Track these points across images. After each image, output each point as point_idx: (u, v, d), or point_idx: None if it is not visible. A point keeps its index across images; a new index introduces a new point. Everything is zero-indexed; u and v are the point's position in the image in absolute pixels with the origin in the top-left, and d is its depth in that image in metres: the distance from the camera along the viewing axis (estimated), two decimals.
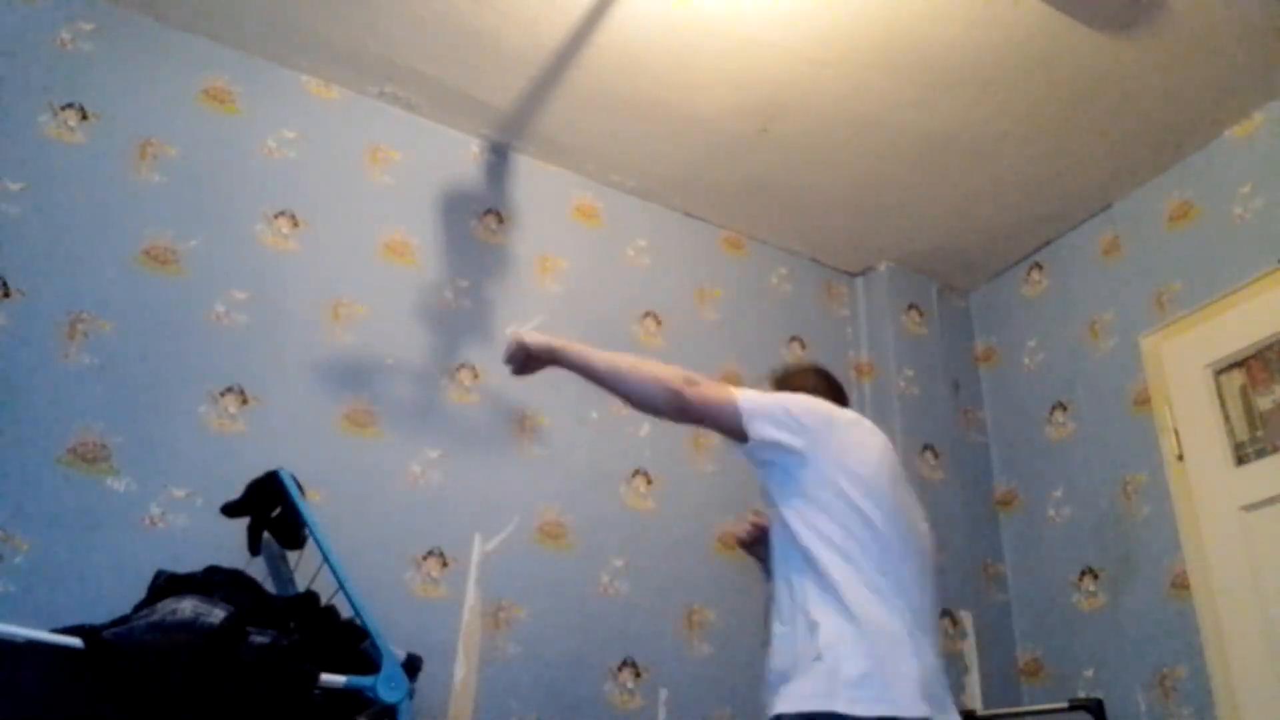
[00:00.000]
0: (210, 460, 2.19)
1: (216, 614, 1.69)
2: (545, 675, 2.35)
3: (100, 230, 2.29)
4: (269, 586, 1.99)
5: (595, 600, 2.49)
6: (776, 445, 1.63)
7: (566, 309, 2.78)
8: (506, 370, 1.89)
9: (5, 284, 2.14)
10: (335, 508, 2.22)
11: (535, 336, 1.82)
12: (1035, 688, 2.81)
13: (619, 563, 2.53)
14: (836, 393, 1.93)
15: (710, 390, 1.68)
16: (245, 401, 2.29)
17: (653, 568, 2.58)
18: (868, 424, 1.78)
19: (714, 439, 2.81)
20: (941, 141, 2.83)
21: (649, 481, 2.67)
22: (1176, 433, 2.63)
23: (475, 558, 2.39)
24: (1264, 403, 2.47)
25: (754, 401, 1.67)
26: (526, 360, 1.84)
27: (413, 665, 1.86)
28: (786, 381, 1.96)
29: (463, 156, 2.88)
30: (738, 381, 2.97)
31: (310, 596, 1.91)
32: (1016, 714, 2.71)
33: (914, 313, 3.31)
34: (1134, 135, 2.77)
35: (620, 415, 2.71)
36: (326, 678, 1.69)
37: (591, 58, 2.61)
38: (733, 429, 1.67)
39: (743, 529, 1.92)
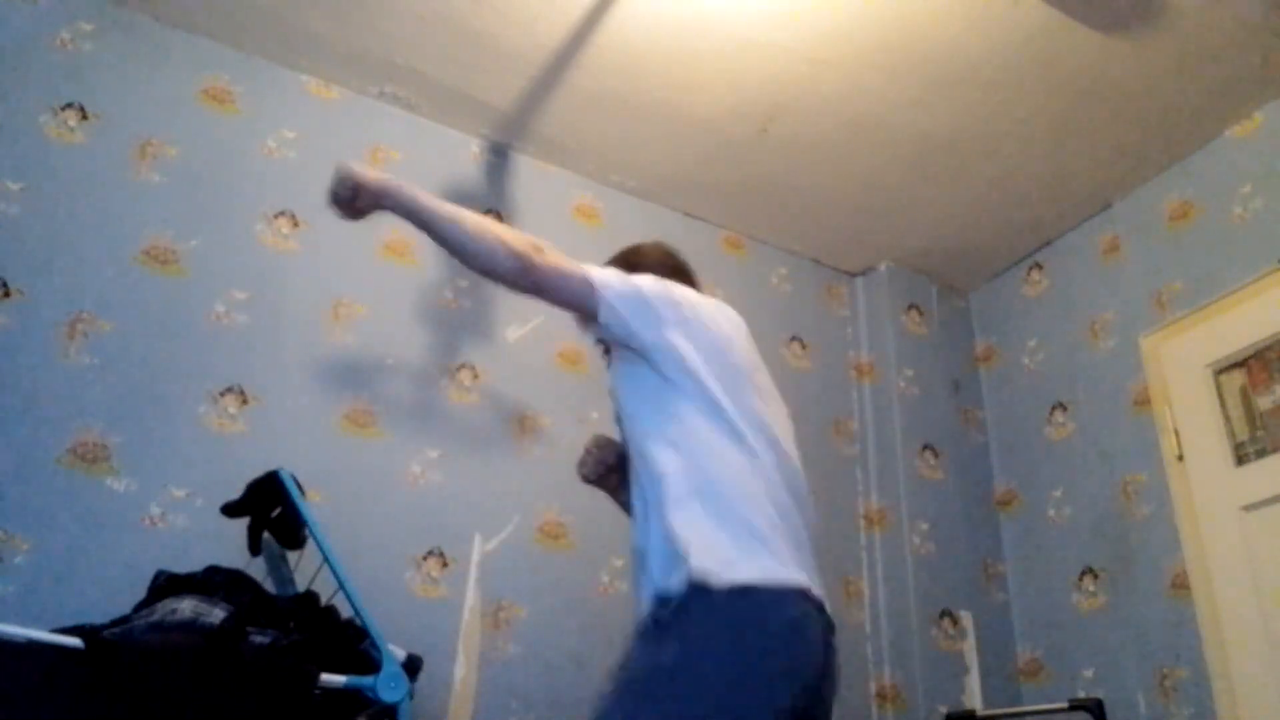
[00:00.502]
0: (210, 460, 2.19)
1: (216, 614, 1.69)
2: (545, 675, 2.35)
3: (100, 230, 2.29)
4: (269, 586, 1.99)
5: (595, 600, 2.49)
6: (627, 329, 1.52)
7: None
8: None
9: (5, 284, 2.14)
10: (335, 508, 2.22)
11: (368, 171, 1.61)
12: (1035, 688, 2.81)
13: (619, 563, 2.53)
14: (686, 275, 1.81)
15: (560, 259, 1.55)
16: (245, 401, 2.29)
17: None
18: (727, 309, 1.67)
19: None
20: (941, 141, 2.83)
21: None
22: (1176, 433, 2.63)
23: (475, 558, 2.39)
24: (1264, 403, 2.47)
25: (608, 278, 1.56)
26: (355, 199, 1.63)
27: (413, 665, 1.86)
28: (631, 260, 1.81)
29: (463, 156, 2.88)
30: None
31: (310, 596, 1.90)
32: (1016, 714, 2.71)
33: (914, 313, 3.31)
34: (1134, 135, 2.77)
35: None
36: (326, 678, 1.69)
37: (591, 58, 2.61)
38: (580, 305, 1.54)
39: (587, 467, 1.74)
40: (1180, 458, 2.60)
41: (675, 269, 1.80)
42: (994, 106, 2.70)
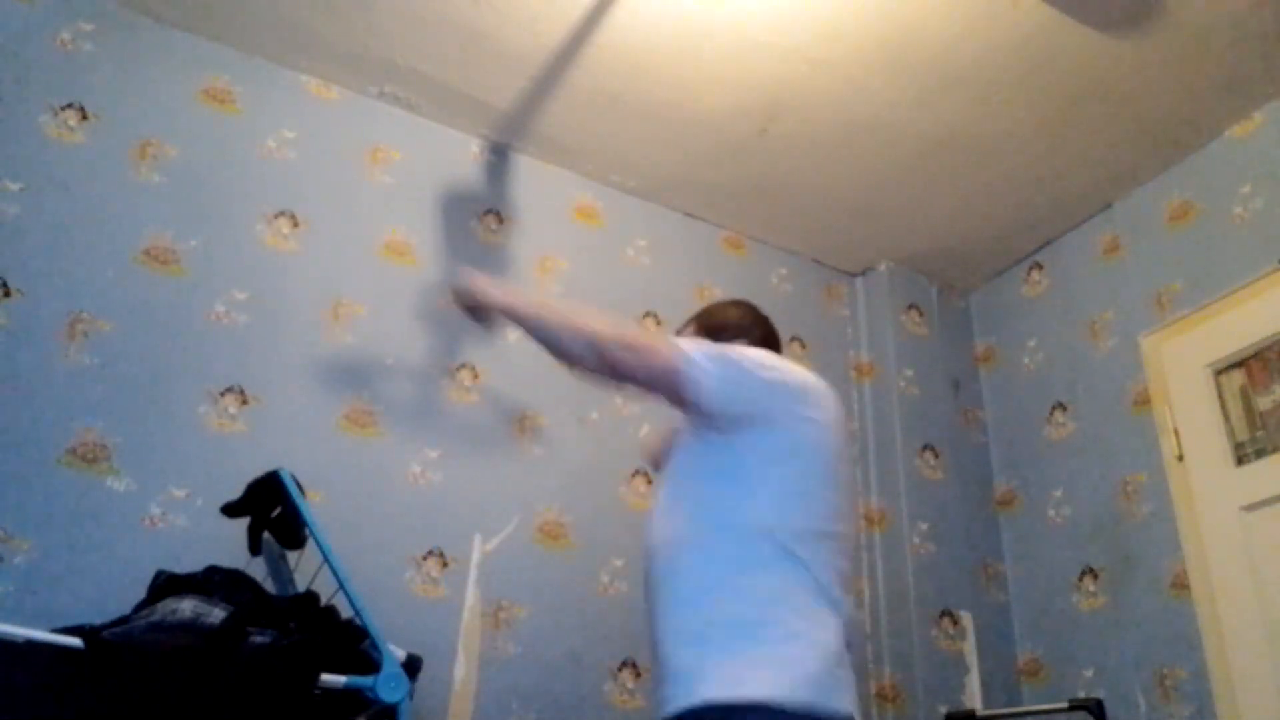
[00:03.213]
0: (210, 460, 2.19)
1: (216, 614, 1.68)
2: (545, 675, 2.35)
3: (100, 230, 2.29)
4: (269, 586, 1.99)
5: (595, 600, 2.49)
6: (725, 416, 1.47)
7: None
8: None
9: (5, 284, 2.14)
10: (335, 508, 2.22)
11: (487, 290, 1.70)
12: (1035, 688, 2.81)
13: (619, 563, 2.53)
14: (774, 338, 1.81)
15: (645, 344, 1.50)
16: (245, 401, 2.29)
17: None
18: (824, 386, 1.62)
19: None
20: (941, 141, 2.83)
21: (649, 481, 2.67)
22: (1176, 433, 2.63)
23: (475, 558, 2.39)
24: (1264, 403, 2.47)
25: (698, 360, 1.47)
26: (478, 310, 1.75)
27: (413, 665, 1.86)
28: (713, 321, 1.80)
29: (463, 156, 2.88)
30: None
31: (310, 596, 1.90)
32: (1016, 714, 2.71)
33: (914, 313, 3.31)
34: (1134, 135, 2.77)
35: (621, 415, 2.71)
36: (326, 678, 1.69)
37: (591, 58, 2.61)
38: (671, 393, 1.48)
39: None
40: (1180, 458, 2.60)
41: (765, 334, 1.80)
42: (994, 106, 2.70)
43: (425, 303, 2.62)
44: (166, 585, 1.82)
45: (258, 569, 2.01)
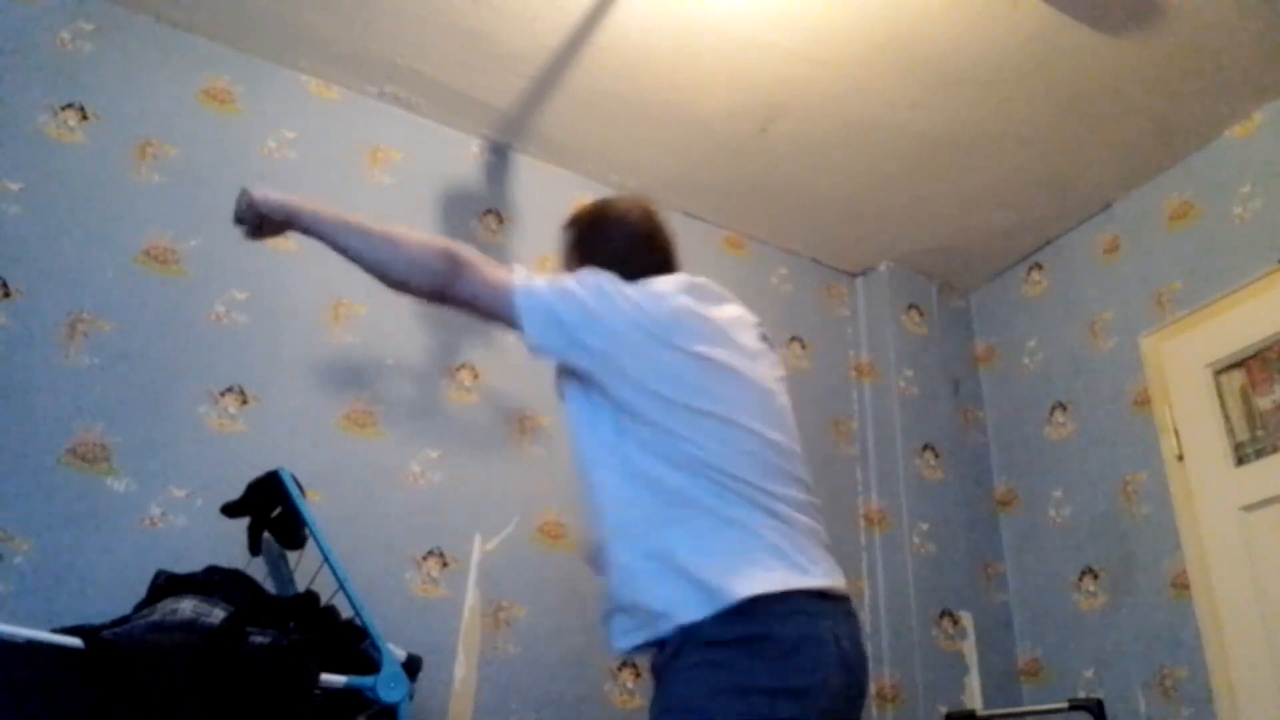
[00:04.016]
0: (210, 460, 2.19)
1: (216, 614, 1.69)
2: (545, 675, 2.35)
3: (100, 230, 2.29)
4: (269, 586, 1.99)
5: (595, 600, 2.48)
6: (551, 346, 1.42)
7: None
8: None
9: (5, 284, 2.14)
10: (335, 508, 2.22)
11: (268, 195, 1.52)
12: (1035, 688, 2.81)
13: None
14: (659, 248, 1.69)
15: (485, 272, 1.43)
16: (245, 401, 2.29)
17: None
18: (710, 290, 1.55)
19: None
20: (941, 141, 2.83)
21: None
22: (1176, 433, 2.63)
23: (475, 558, 2.39)
24: (1264, 403, 2.48)
25: (534, 292, 1.42)
26: (260, 222, 1.55)
27: (413, 665, 1.86)
28: (596, 225, 1.68)
29: (463, 156, 2.88)
30: None
31: (310, 596, 1.90)
32: (1016, 714, 2.71)
33: (914, 313, 3.31)
34: (1134, 135, 2.77)
35: None
36: (326, 678, 1.69)
37: (591, 58, 2.61)
38: (505, 317, 1.43)
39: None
40: (1180, 458, 2.60)
41: (646, 236, 1.67)
42: (994, 106, 2.70)
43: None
44: (166, 585, 1.82)
45: (258, 569, 2.01)
